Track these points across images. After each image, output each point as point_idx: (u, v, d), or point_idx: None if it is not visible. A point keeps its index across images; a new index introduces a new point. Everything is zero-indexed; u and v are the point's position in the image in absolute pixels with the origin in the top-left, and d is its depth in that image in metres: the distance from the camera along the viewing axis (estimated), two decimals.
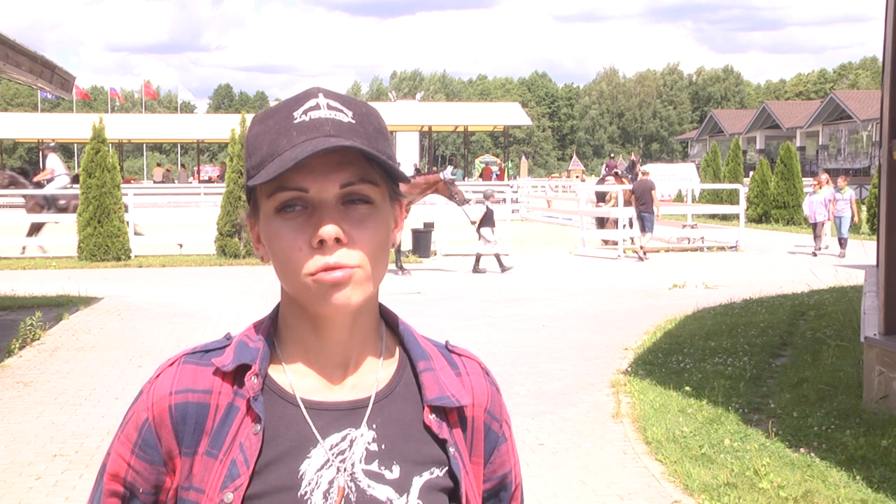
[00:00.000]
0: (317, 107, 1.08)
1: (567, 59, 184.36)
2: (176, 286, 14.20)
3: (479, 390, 1.22)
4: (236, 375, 1.13)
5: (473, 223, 16.48)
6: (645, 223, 18.54)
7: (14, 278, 14.65)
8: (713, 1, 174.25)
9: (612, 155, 56.97)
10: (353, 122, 1.08)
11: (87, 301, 12.06)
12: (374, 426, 1.13)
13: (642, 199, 18.54)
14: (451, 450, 1.15)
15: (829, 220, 19.49)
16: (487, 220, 16.34)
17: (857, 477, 5.34)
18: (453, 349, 1.25)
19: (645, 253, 18.68)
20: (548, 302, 12.75)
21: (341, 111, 1.08)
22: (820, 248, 19.31)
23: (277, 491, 1.08)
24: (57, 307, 11.41)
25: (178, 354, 1.18)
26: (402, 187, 1.16)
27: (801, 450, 5.82)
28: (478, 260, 16.42)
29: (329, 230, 1.05)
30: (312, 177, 1.05)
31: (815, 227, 19.52)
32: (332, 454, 1.11)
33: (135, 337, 9.91)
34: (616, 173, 26.16)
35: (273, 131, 1.08)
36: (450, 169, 17.39)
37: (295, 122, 1.07)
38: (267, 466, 1.09)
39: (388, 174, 1.10)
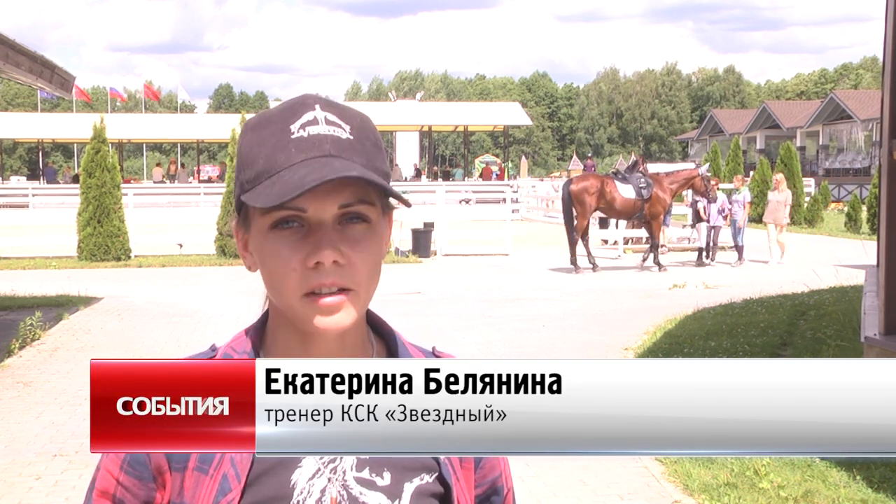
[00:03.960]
0: (314, 121, 1.06)
1: (567, 59, 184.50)
2: (176, 286, 14.21)
3: None
4: None
5: (705, 221, 17.27)
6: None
7: (14, 278, 14.64)
8: (714, 1, 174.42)
9: (591, 155, 57.22)
10: (352, 137, 1.07)
11: (87, 301, 12.06)
12: None
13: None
14: (442, 456, 1.14)
15: (725, 225, 17.85)
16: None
17: (857, 477, 5.34)
18: (440, 355, 1.24)
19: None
20: (548, 302, 12.76)
21: (339, 126, 1.07)
22: (712, 258, 17.72)
23: (270, 501, 1.08)
24: (57, 307, 11.41)
25: None
26: (664, 180, 1.11)
27: None
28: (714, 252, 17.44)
29: (328, 255, 1.03)
30: (311, 196, 1.03)
31: (711, 233, 17.72)
32: (323, 462, 1.10)
33: (135, 337, 9.92)
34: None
35: (269, 144, 1.06)
36: (707, 165, 18.39)
37: (293, 136, 1.05)
38: (258, 478, 1.08)
39: (385, 193, 1.09)
